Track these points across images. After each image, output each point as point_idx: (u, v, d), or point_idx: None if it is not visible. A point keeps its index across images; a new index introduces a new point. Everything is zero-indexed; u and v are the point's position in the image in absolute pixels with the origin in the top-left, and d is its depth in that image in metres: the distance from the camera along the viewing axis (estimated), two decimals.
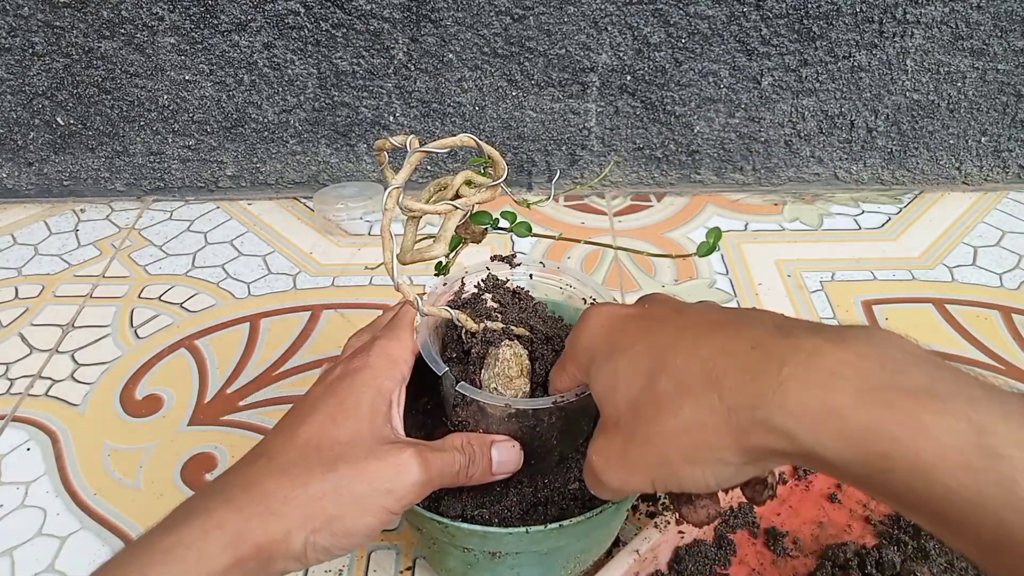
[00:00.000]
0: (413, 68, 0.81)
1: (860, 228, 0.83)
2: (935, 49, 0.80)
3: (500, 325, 0.42)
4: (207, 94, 0.83)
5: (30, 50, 0.80)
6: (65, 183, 0.89)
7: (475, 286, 0.45)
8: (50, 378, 0.67)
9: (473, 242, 0.45)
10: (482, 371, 0.41)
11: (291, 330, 0.71)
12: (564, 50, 0.79)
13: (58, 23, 0.78)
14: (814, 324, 0.29)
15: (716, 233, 0.42)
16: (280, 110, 0.84)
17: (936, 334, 0.69)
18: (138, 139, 0.86)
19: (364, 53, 0.80)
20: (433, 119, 0.84)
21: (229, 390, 0.65)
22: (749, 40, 0.79)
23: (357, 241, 0.83)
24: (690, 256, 0.45)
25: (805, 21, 0.77)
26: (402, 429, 0.39)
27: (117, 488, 0.57)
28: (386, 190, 0.34)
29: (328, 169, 0.88)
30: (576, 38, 0.79)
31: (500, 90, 0.82)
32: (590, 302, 0.47)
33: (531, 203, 0.45)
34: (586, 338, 0.36)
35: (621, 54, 0.80)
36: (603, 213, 0.87)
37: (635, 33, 0.78)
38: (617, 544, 0.50)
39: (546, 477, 0.43)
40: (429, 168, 0.88)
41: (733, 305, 0.73)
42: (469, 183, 0.40)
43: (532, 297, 0.46)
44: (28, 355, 0.69)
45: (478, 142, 0.36)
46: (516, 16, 0.77)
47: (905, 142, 0.86)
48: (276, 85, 0.82)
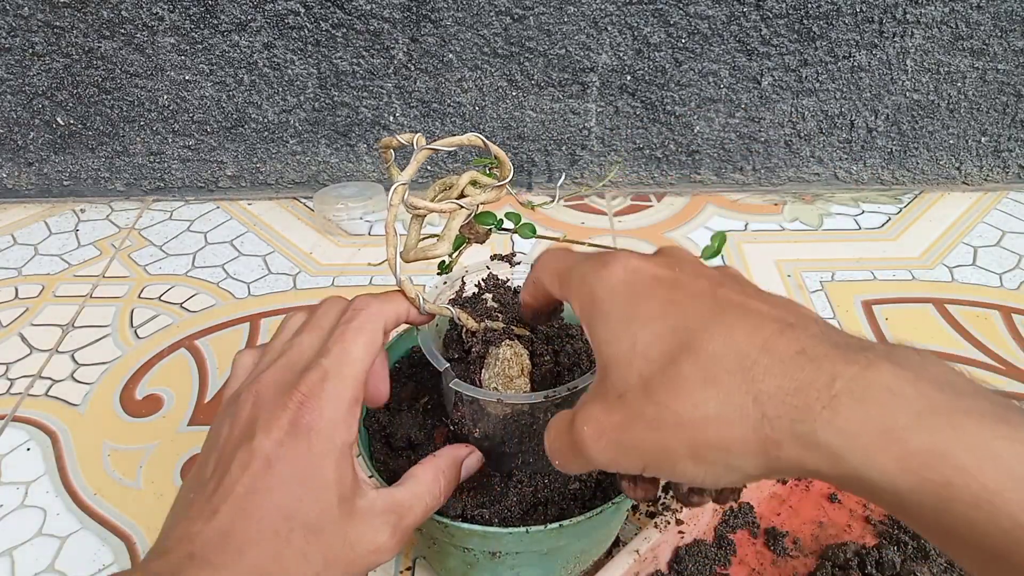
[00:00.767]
0: (413, 68, 0.81)
1: (860, 228, 0.83)
2: (935, 49, 0.80)
3: (501, 325, 0.42)
4: (207, 94, 0.83)
5: (30, 50, 0.80)
6: (65, 183, 0.89)
7: (475, 285, 0.45)
8: (50, 378, 0.67)
9: (477, 242, 0.45)
10: (482, 370, 0.41)
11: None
12: (564, 50, 0.79)
13: (58, 23, 0.78)
14: (859, 337, 0.27)
15: (720, 238, 0.42)
16: (280, 110, 0.84)
17: (936, 334, 0.69)
18: (138, 139, 0.86)
19: (364, 53, 0.80)
20: (433, 119, 0.84)
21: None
22: (749, 40, 0.79)
23: (357, 241, 0.83)
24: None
25: (805, 21, 0.77)
26: (363, 475, 0.36)
27: (117, 488, 0.57)
28: (392, 186, 0.34)
29: (328, 169, 0.88)
30: (576, 38, 0.79)
31: (500, 90, 0.82)
32: None
33: (536, 205, 0.45)
34: (599, 282, 0.31)
35: (621, 54, 0.80)
36: (603, 213, 0.87)
37: (635, 33, 0.78)
38: (617, 544, 0.50)
39: (546, 477, 0.43)
40: (429, 168, 0.88)
41: None
42: (474, 183, 0.40)
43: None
44: (28, 355, 0.69)
45: (485, 142, 0.36)
46: (516, 16, 0.77)
47: (905, 142, 0.86)
48: (276, 85, 0.82)
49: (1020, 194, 0.88)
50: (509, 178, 0.39)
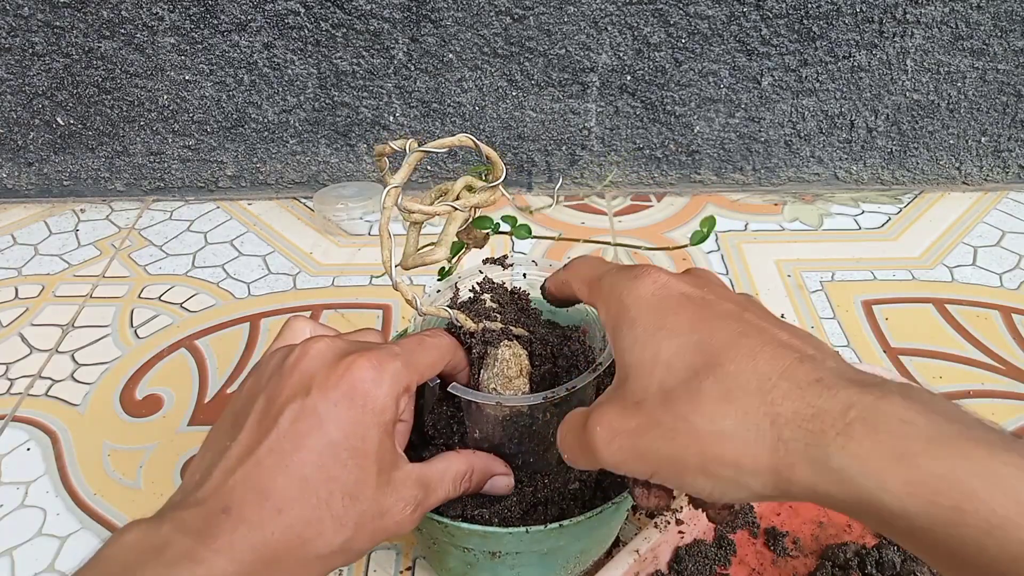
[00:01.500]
0: (413, 68, 0.81)
1: (860, 228, 0.83)
2: (935, 49, 0.80)
3: (499, 325, 0.42)
4: (207, 94, 0.83)
5: (30, 50, 0.80)
6: (65, 183, 0.89)
7: (470, 290, 0.45)
8: (50, 378, 0.67)
9: (475, 247, 0.45)
10: (481, 371, 0.41)
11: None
12: (564, 50, 0.79)
13: (58, 23, 0.78)
14: (872, 375, 0.28)
15: (710, 222, 0.42)
16: (280, 110, 0.84)
17: (936, 334, 0.69)
18: (138, 139, 0.86)
19: (364, 53, 0.80)
20: (433, 119, 0.84)
21: (229, 390, 0.65)
22: (749, 40, 0.79)
23: (357, 241, 0.83)
24: (684, 247, 0.45)
25: (805, 21, 0.77)
26: (401, 451, 0.37)
27: (117, 488, 0.57)
28: (384, 190, 0.35)
29: (328, 169, 0.88)
30: (576, 38, 0.79)
31: (500, 90, 0.82)
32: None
33: (534, 210, 0.45)
34: (629, 293, 0.33)
35: (621, 54, 0.80)
36: (603, 213, 0.87)
37: (635, 33, 0.78)
38: (617, 544, 0.50)
39: (546, 477, 0.43)
40: (429, 168, 0.88)
41: None
42: (470, 188, 0.40)
43: (530, 299, 0.46)
44: (28, 355, 0.69)
45: (476, 142, 0.36)
46: (516, 16, 0.77)
47: (905, 142, 0.86)
48: (276, 85, 0.82)
49: (1020, 194, 0.88)
50: (502, 179, 0.39)
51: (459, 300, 0.45)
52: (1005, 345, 0.68)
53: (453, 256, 0.46)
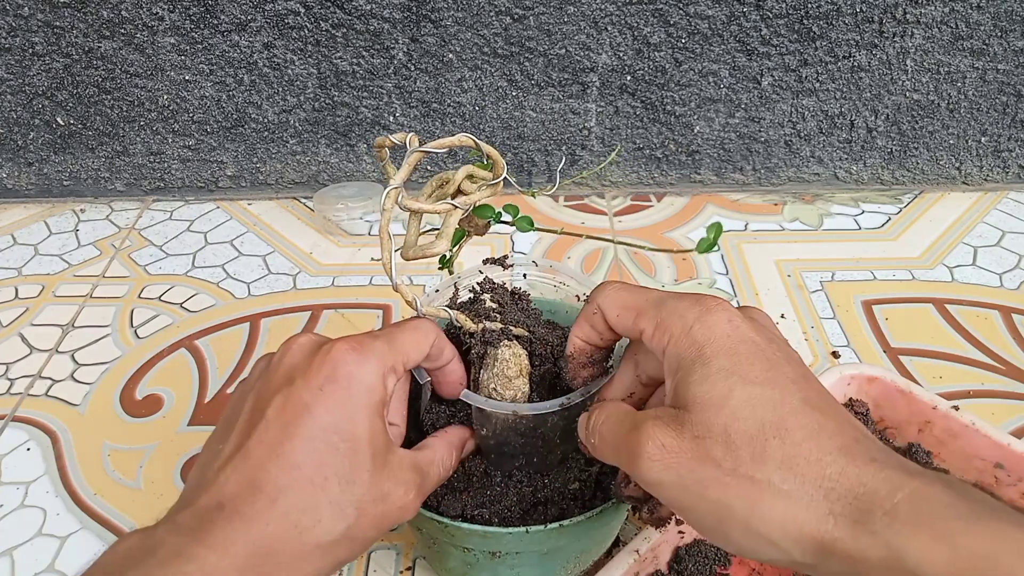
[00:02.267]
0: (413, 68, 0.81)
1: (860, 228, 0.83)
2: (935, 49, 0.80)
3: (499, 325, 0.42)
4: (207, 94, 0.83)
5: (30, 50, 0.80)
6: (65, 183, 0.89)
7: (470, 290, 0.45)
8: (50, 378, 0.67)
9: (477, 235, 0.45)
10: (481, 371, 0.41)
11: (291, 330, 0.71)
12: (564, 50, 0.79)
13: (58, 23, 0.78)
14: (912, 463, 0.29)
15: (716, 228, 0.42)
16: (280, 110, 0.84)
17: (936, 334, 0.69)
18: (138, 139, 0.86)
19: (364, 53, 0.80)
20: (433, 119, 0.84)
21: (229, 390, 0.65)
22: (749, 40, 0.79)
23: (357, 241, 0.83)
24: (689, 252, 0.45)
25: (805, 21, 0.77)
26: (392, 435, 0.37)
27: (117, 488, 0.57)
28: (384, 190, 0.34)
29: (328, 169, 0.88)
30: (576, 38, 0.79)
31: (500, 90, 0.82)
32: (584, 299, 0.47)
33: (536, 192, 0.45)
34: (701, 328, 0.32)
35: (621, 54, 0.80)
36: (603, 213, 0.87)
37: (635, 33, 0.78)
38: (617, 544, 0.50)
39: (546, 477, 0.43)
40: (429, 168, 0.88)
41: (734, 304, 0.73)
42: (471, 177, 0.40)
43: (530, 300, 0.46)
44: (28, 355, 0.69)
45: (476, 142, 0.36)
46: (516, 16, 0.77)
47: (905, 142, 0.86)
48: (276, 85, 0.82)
49: (1020, 194, 0.88)
50: (502, 176, 0.39)
51: (459, 300, 0.45)
52: (1005, 345, 0.68)
53: (454, 244, 0.46)
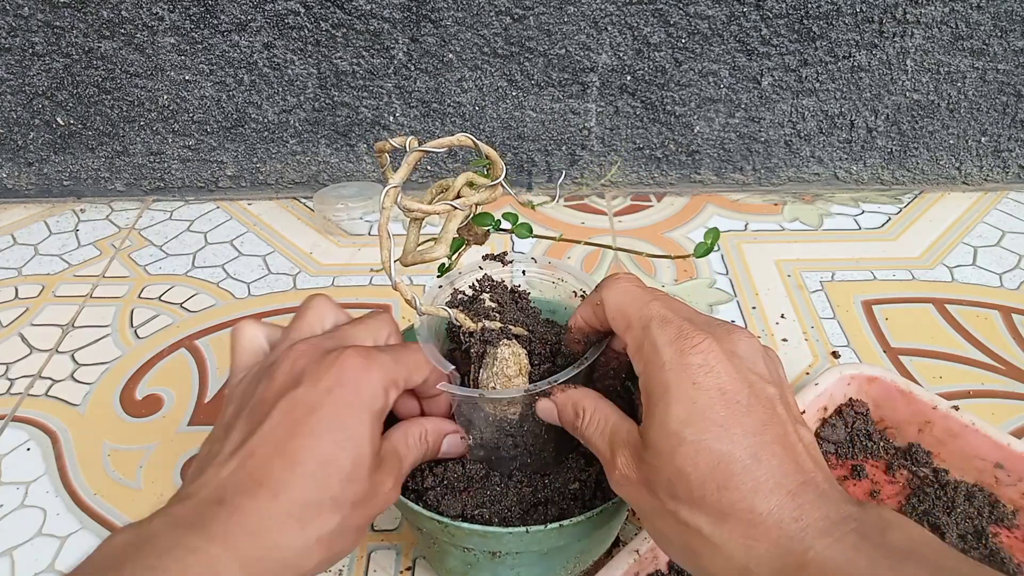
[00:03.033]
0: (413, 68, 0.81)
1: (860, 228, 0.83)
2: (935, 49, 0.80)
3: (498, 325, 0.42)
4: (207, 94, 0.83)
5: (30, 50, 0.80)
6: (65, 183, 0.89)
7: (470, 287, 0.45)
8: (50, 378, 0.67)
9: (476, 243, 0.45)
10: (481, 371, 0.41)
11: None
12: (564, 50, 0.79)
13: (58, 23, 0.78)
14: (845, 501, 0.31)
15: (714, 234, 0.42)
16: (280, 110, 0.84)
17: (936, 334, 0.69)
18: (138, 139, 0.86)
19: (364, 53, 0.80)
20: (433, 119, 0.84)
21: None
22: (749, 40, 0.79)
23: (357, 241, 0.83)
24: (688, 256, 0.45)
25: (805, 21, 0.77)
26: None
27: (117, 488, 0.57)
28: (383, 190, 0.35)
29: (328, 169, 0.88)
30: (576, 38, 0.79)
31: (500, 90, 0.82)
32: (581, 294, 0.47)
33: (535, 205, 0.45)
34: (672, 372, 0.33)
35: (621, 54, 0.80)
36: (603, 213, 0.87)
37: (635, 33, 0.78)
38: (617, 544, 0.50)
39: (546, 477, 0.43)
40: (429, 168, 0.88)
41: (734, 307, 0.73)
42: (471, 184, 0.40)
43: (529, 299, 0.46)
44: (28, 355, 0.69)
45: (475, 141, 0.36)
46: (516, 16, 0.77)
47: (905, 142, 0.86)
48: (276, 85, 0.82)
49: (1020, 194, 0.88)
50: (501, 177, 0.39)
51: (458, 298, 0.45)
52: (1005, 345, 0.68)
53: (453, 253, 0.46)
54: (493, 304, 0.43)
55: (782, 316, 0.71)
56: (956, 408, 0.53)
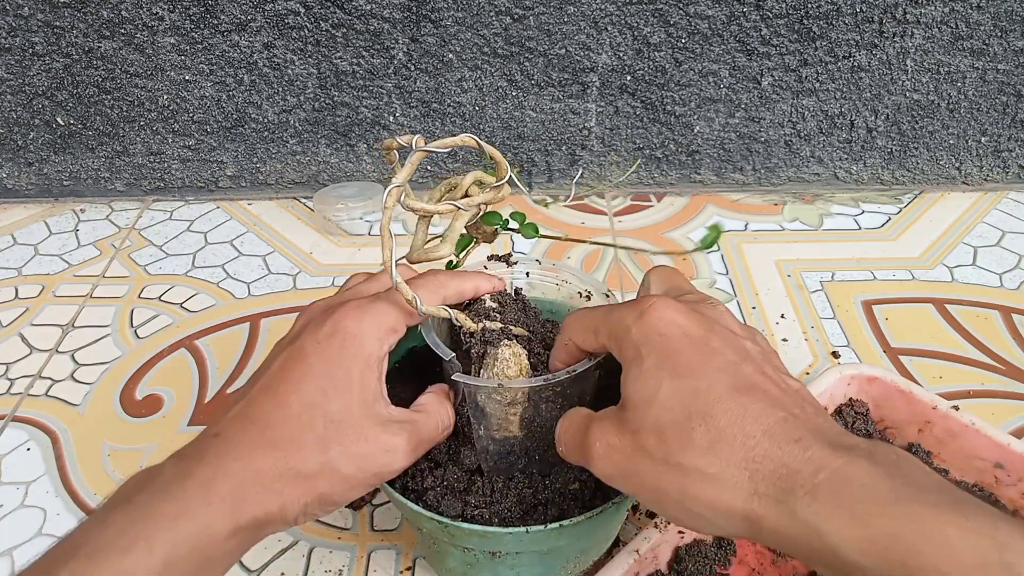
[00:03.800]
0: (413, 68, 0.81)
1: (860, 228, 0.83)
2: (935, 49, 0.80)
3: (499, 325, 0.42)
4: (207, 94, 0.83)
5: (30, 50, 0.80)
6: (65, 183, 0.89)
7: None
8: (50, 378, 0.67)
9: (485, 242, 0.46)
10: (481, 371, 0.41)
11: None
12: (564, 50, 0.80)
13: (58, 23, 0.78)
14: (848, 435, 0.31)
15: (716, 229, 0.43)
16: (280, 110, 0.84)
17: (936, 334, 0.69)
18: (138, 139, 0.86)
19: (364, 53, 0.80)
20: (433, 119, 0.84)
21: (229, 390, 0.65)
22: (749, 40, 0.79)
23: (357, 241, 0.83)
24: (690, 253, 0.45)
25: (805, 21, 0.77)
26: (385, 393, 0.39)
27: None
28: (386, 189, 0.35)
29: (328, 169, 0.88)
30: (576, 38, 0.79)
31: (500, 90, 0.82)
32: (586, 295, 0.47)
33: (549, 203, 0.45)
34: (638, 330, 0.35)
35: (621, 54, 0.80)
36: (603, 213, 0.87)
37: (635, 33, 0.78)
38: (617, 544, 0.50)
39: (546, 478, 0.43)
40: (429, 168, 0.88)
41: (734, 307, 0.73)
42: (479, 183, 0.40)
43: (527, 300, 0.46)
44: (28, 355, 0.69)
45: (479, 142, 0.36)
46: (516, 16, 0.77)
47: (905, 142, 0.86)
48: (276, 85, 0.82)
49: (1020, 194, 0.88)
50: (506, 178, 0.39)
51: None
52: (1005, 345, 0.68)
53: (461, 251, 0.46)
54: (494, 304, 0.43)
55: (782, 316, 0.71)
56: (956, 408, 0.53)
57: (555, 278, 0.48)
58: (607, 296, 0.46)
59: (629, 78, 0.81)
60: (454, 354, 0.41)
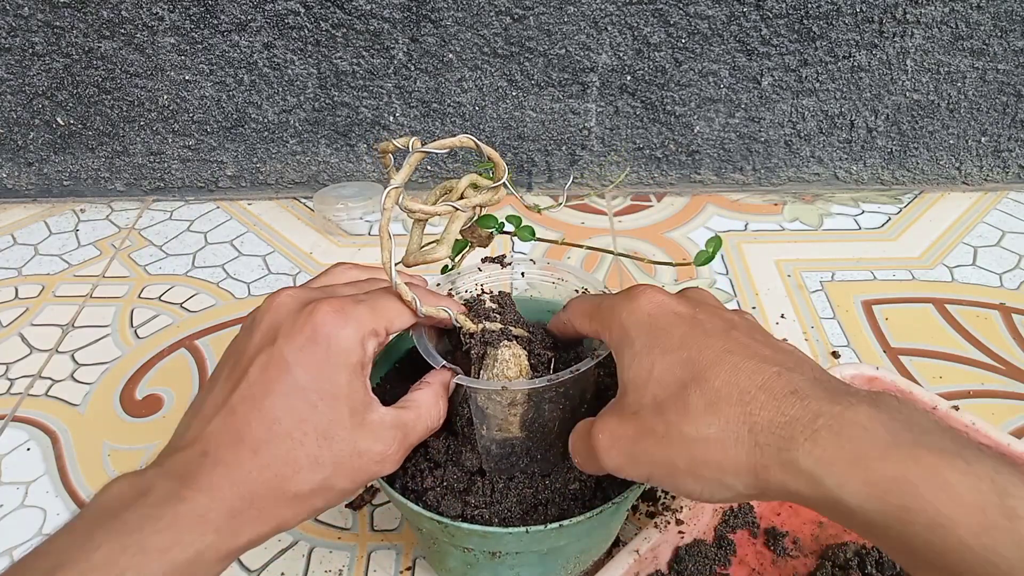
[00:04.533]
0: (413, 68, 0.81)
1: (860, 228, 0.83)
2: (935, 49, 0.80)
3: (499, 326, 0.42)
4: (207, 94, 0.83)
5: (30, 50, 0.80)
6: (65, 183, 0.89)
7: (467, 289, 0.45)
8: (50, 378, 0.67)
9: (480, 246, 0.46)
10: (481, 372, 0.41)
11: None
12: (564, 50, 0.79)
13: (58, 23, 0.78)
14: (848, 385, 0.31)
15: (716, 243, 0.43)
16: (280, 110, 0.84)
17: (936, 334, 0.69)
18: (138, 139, 0.86)
19: (364, 53, 0.80)
20: (433, 119, 0.84)
21: None
22: (749, 40, 0.79)
23: (357, 241, 0.83)
24: (688, 264, 0.46)
25: (805, 21, 0.77)
26: (372, 396, 0.37)
27: None
28: (385, 190, 0.35)
29: (328, 169, 0.88)
30: (576, 38, 0.79)
31: (500, 90, 0.82)
32: (582, 292, 0.47)
33: (542, 208, 0.45)
34: (628, 315, 0.35)
35: (621, 54, 0.80)
36: (603, 213, 0.87)
37: (635, 33, 0.78)
38: (617, 544, 0.50)
39: (547, 478, 0.43)
40: (429, 168, 0.88)
41: (734, 306, 0.73)
42: (475, 186, 0.40)
43: (514, 304, 0.46)
44: (28, 355, 0.69)
45: (477, 143, 0.36)
46: (516, 16, 0.77)
47: (905, 142, 0.86)
48: (276, 85, 0.82)
49: (1020, 194, 0.88)
50: (504, 179, 0.39)
51: (460, 297, 0.45)
52: (1005, 345, 0.68)
53: (456, 254, 0.46)
54: (493, 305, 0.43)
55: (782, 316, 0.71)
56: (956, 408, 0.53)
57: (552, 277, 0.48)
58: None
59: (629, 78, 0.81)
60: (444, 362, 0.41)
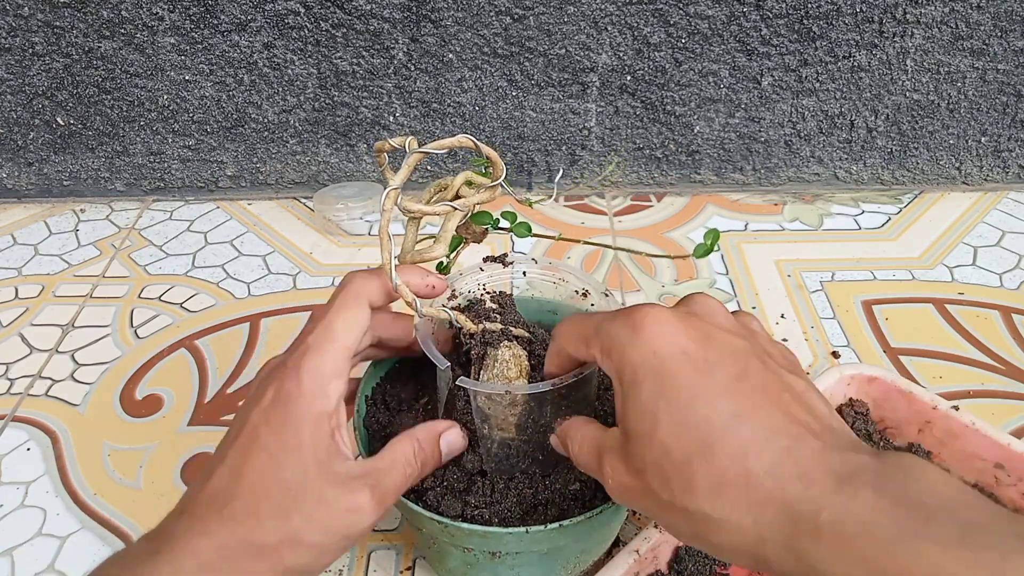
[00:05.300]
0: (413, 68, 0.81)
1: (860, 228, 0.83)
2: (935, 49, 0.80)
3: (499, 326, 0.42)
4: (207, 94, 0.83)
5: (30, 50, 0.80)
6: (65, 183, 0.89)
7: (469, 289, 0.45)
8: (50, 378, 0.67)
9: (474, 242, 0.46)
10: (481, 372, 0.41)
11: (291, 330, 0.71)
12: (564, 50, 0.79)
13: (58, 23, 0.78)
14: (855, 450, 0.30)
15: (714, 235, 0.42)
16: (280, 110, 0.84)
17: (936, 334, 0.69)
18: (138, 139, 0.86)
19: (364, 53, 0.80)
20: (433, 119, 0.84)
21: (229, 390, 0.65)
22: (749, 40, 0.79)
23: (357, 241, 0.83)
24: (688, 257, 0.45)
25: (805, 21, 0.77)
26: (349, 448, 0.38)
27: (117, 488, 0.57)
28: (384, 191, 0.35)
29: (328, 169, 0.88)
30: (576, 38, 0.79)
31: (500, 90, 0.82)
32: (583, 294, 0.47)
33: (533, 202, 0.45)
34: (631, 349, 0.33)
35: (621, 54, 0.80)
36: (603, 213, 0.87)
37: (635, 33, 0.78)
38: (617, 544, 0.50)
39: (547, 478, 0.43)
40: (429, 168, 0.88)
41: (734, 307, 0.73)
42: (469, 183, 0.40)
43: (515, 304, 0.46)
44: (28, 355, 0.69)
45: (476, 143, 0.36)
46: (516, 16, 0.77)
47: (905, 142, 0.86)
48: (276, 85, 0.82)
49: (1020, 194, 0.88)
50: (502, 178, 0.39)
51: (459, 296, 0.45)
52: (1005, 345, 0.68)
53: (451, 251, 0.46)
54: (494, 306, 0.43)
55: (782, 316, 0.71)
56: (956, 408, 0.53)
57: (552, 277, 0.48)
58: (605, 295, 0.46)
59: (629, 78, 0.81)
60: (449, 364, 0.41)
